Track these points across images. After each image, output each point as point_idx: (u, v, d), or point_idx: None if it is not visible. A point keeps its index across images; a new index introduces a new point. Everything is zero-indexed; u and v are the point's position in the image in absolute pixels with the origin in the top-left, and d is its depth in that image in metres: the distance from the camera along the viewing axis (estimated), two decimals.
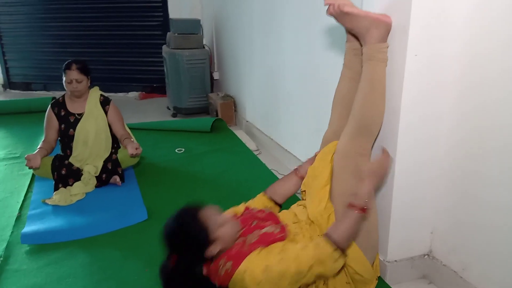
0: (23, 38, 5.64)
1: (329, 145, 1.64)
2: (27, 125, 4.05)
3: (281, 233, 1.43)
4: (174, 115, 4.42)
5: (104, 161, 2.62)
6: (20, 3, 5.47)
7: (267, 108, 3.34)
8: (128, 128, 2.84)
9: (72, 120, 2.61)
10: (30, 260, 1.92)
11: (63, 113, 2.62)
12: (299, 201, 1.72)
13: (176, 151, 3.29)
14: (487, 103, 1.42)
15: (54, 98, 2.81)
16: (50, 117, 2.62)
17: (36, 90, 5.78)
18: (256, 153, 3.28)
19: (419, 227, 1.70)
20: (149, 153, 3.17)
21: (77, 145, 2.60)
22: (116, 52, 5.40)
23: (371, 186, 1.41)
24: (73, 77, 2.53)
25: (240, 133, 3.72)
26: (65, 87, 2.58)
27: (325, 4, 1.52)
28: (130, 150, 2.51)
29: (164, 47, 4.51)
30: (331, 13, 1.52)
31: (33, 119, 4.14)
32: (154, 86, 5.40)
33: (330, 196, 1.54)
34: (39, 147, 2.54)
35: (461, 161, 1.54)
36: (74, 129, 2.59)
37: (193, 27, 4.30)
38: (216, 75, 4.73)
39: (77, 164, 2.58)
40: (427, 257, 1.74)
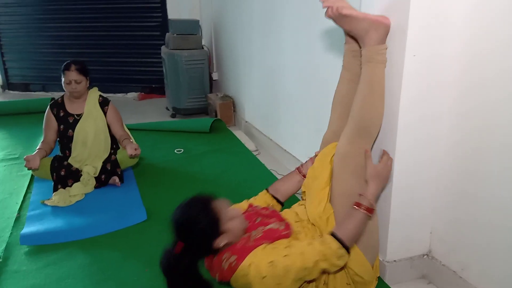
0: (21, 39, 5.63)
1: (329, 146, 1.64)
2: (26, 126, 4.04)
3: (286, 230, 1.44)
4: (173, 115, 4.42)
5: (103, 162, 2.62)
6: (19, 4, 5.46)
7: (266, 108, 3.34)
8: (127, 129, 2.84)
9: (71, 121, 2.61)
10: (29, 261, 1.92)
11: (62, 113, 2.62)
12: (300, 201, 1.72)
13: (175, 151, 3.29)
14: (486, 103, 1.42)
15: (53, 99, 2.81)
16: (49, 118, 2.62)
17: (35, 91, 5.77)
18: (255, 153, 3.28)
19: (418, 227, 1.70)
20: (148, 153, 3.17)
21: (76, 145, 2.60)
22: (115, 53, 5.40)
23: (377, 188, 1.44)
24: (72, 77, 2.53)
25: (239, 134, 3.72)
26: (64, 88, 2.58)
27: (323, 7, 1.51)
28: (129, 150, 2.51)
29: (163, 47, 4.51)
30: (329, 16, 1.51)
31: (32, 120, 4.13)
32: (153, 86, 5.40)
33: (329, 197, 1.54)
34: (38, 148, 2.54)
35: (460, 161, 1.54)
36: (73, 130, 2.59)
37: (192, 27, 4.31)
38: (215, 76, 4.73)
39: (76, 165, 2.58)
40: (426, 257, 1.74)
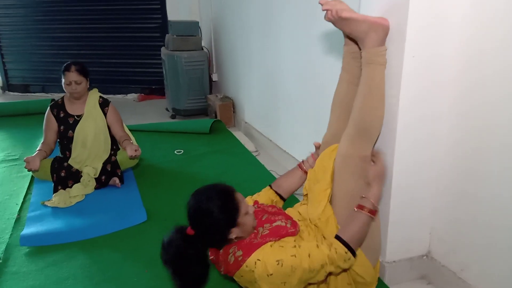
0: (21, 40, 5.63)
1: (329, 148, 1.64)
2: (26, 127, 4.04)
3: (293, 228, 1.44)
4: (173, 116, 4.42)
5: (103, 163, 2.62)
6: (19, 5, 5.46)
7: (266, 109, 3.34)
8: (128, 130, 2.84)
9: (71, 122, 2.61)
10: (29, 262, 1.92)
11: (62, 114, 2.62)
12: (303, 201, 1.72)
13: (175, 152, 3.29)
14: (486, 102, 1.42)
15: (53, 100, 2.81)
16: (49, 119, 2.62)
17: (34, 92, 5.77)
18: (254, 154, 3.29)
19: (418, 228, 1.71)
20: (148, 154, 3.17)
21: (76, 146, 2.60)
22: (114, 54, 5.40)
23: (380, 188, 1.45)
24: (72, 78, 2.53)
25: (238, 134, 3.72)
26: (64, 89, 2.58)
27: (322, 10, 1.51)
28: (129, 151, 2.52)
29: (163, 49, 4.51)
30: (329, 19, 1.51)
31: (32, 121, 4.13)
32: (153, 87, 5.40)
33: (330, 199, 1.54)
34: (38, 149, 2.54)
35: (460, 161, 1.55)
36: (73, 131, 2.59)
37: (191, 29, 4.31)
38: (214, 77, 4.74)
39: (76, 166, 2.58)
40: (425, 257, 1.74)
